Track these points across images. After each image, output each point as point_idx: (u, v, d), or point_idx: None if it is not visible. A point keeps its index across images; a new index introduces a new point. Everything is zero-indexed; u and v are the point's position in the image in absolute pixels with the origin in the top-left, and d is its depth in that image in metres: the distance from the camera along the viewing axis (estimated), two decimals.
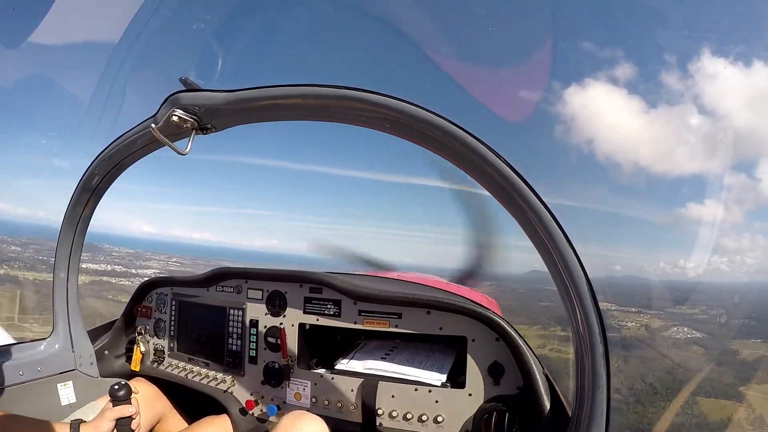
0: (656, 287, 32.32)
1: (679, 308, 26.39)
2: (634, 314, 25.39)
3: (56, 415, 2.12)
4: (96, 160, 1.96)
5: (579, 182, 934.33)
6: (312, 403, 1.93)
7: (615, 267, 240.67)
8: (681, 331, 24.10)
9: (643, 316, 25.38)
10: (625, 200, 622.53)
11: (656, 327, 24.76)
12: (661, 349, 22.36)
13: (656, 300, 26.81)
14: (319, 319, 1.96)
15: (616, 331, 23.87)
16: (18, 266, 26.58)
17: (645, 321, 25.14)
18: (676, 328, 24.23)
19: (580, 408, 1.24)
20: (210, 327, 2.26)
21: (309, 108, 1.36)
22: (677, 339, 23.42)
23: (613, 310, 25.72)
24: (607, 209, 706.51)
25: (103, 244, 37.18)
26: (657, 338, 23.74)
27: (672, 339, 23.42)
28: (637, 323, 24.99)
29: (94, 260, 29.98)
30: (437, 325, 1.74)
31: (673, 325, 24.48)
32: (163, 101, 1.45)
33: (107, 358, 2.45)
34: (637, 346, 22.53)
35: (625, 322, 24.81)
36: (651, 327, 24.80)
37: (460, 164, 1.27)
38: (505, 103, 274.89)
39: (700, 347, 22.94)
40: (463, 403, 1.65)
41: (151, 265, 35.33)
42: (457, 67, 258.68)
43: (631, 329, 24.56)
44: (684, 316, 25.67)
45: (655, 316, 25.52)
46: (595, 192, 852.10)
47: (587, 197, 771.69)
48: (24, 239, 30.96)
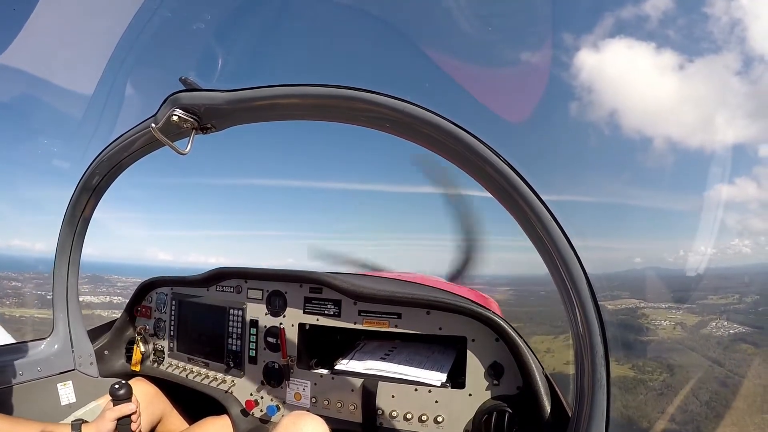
0: (680, 278, 29.98)
1: (710, 299, 23.94)
2: (665, 311, 23.23)
3: (56, 415, 2.12)
4: (96, 160, 1.96)
5: (596, 171, 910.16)
6: (312, 403, 1.93)
7: (635, 259, 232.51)
8: (721, 326, 21.49)
9: (675, 312, 23.10)
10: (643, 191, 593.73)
11: (693, 324, 22.20)
12: (706, 352, 19.53)
13: (684, 292, 24.26)
14: (319, 319, 1.96)
15: (652, 334, 21.81)
16: (9, 303, 26.04)
17: (679, 317, 22.83)
18: (714, 323, 21.65)
19: (580, 408, 1.24)
20: (210, 327, 2.26)
21: (309, 108, 1.36)
22: (720, 336, 20.76)
23: (642, 307, 23.61)
24: (624, 202, 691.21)
25: (111, 275, 36.08)
26: (697, 338, 21.17)
27: (714, 337, 20.79)
28: (671, 321, 22.72)
29: (95, 292, 29.28)
30: (437, 325, 1.74)
31: (710, 319, 21.88)
32: (163, 101, 1.45)
33: (107, 358, 2.45)
34: (677, 350, 20.18)
35: (658, 321, 22.70)
36: (687, 324, 22.34)
37: (460, 164, 1.27)
38: (506, 100, 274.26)
39: (749, 345, 19.97)
40: (463, 403, 1.65)
41: None
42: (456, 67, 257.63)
43: (667, 329, 22.28)
44: (718, 307, 23.07)
45: (687, 310, 23.13)
46: (616, 179, 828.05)
47: (605, 190, 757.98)
48: (29, 274, 30.16)
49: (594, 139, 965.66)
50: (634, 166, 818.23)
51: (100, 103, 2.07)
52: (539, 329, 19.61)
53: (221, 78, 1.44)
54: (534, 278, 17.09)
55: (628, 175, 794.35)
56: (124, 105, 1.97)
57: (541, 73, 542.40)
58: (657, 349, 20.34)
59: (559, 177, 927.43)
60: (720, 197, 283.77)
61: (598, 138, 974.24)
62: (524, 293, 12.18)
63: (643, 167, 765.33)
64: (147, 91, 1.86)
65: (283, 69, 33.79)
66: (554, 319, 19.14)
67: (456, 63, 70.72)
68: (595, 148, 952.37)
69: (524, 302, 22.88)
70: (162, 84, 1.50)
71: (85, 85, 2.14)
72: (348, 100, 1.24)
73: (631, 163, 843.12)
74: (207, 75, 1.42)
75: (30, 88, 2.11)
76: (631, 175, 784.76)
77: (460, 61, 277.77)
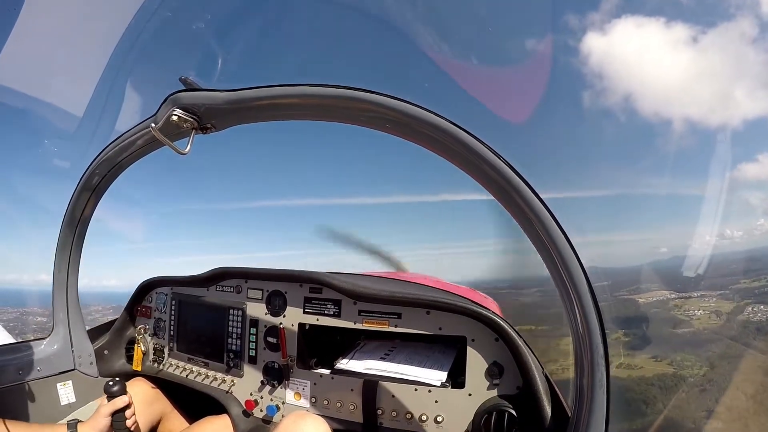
0: (709, 264, 28.88)
1: (743, 282, 22.68)
2: (697, 299, 22.03)
3: (56, 414, 2.12)
4: (96, 160, 1.96)
5: (611, 162, 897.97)
6: (312, 403, 1.93)
7: (661, 249, 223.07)
8: (758, 310, 20.05)
9: (708, 301, 21.93)
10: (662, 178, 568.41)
11: (729, 311, 20.97)
12: (746, 340, 18.19)
13: (714, 278, 23.05)
14: (318, 319, 1.96)
15: (687, 325, 20.75)
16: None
17: (713, 305, 21.62)
18: (751, 308, 20.35)
19: (579, 408, 1.24)
20: (210, 327, 2.26)
21: (309, 108, 1.36)
22: (758, 322, 19.37)
23: (674, 298, 22.51)
24: (644, 191, 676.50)
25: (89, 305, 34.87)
26: (735, 325, 19.99)
27: (752, 323, 19.49)
28: (705, 310, 21.52)
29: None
30: (437, 325, 1.74)
31: (746, 304, 20.65)
32: (163, 101, 1.45)
33: (107, 358, 2.45)
34: (715, 340, 18.95)
35: (692, 311, 21.53)
36: (722, 312, 21.12)
37: (460, 164, 1.27)
38: (508, 99, 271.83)
39: None
40: (462, 403, 1.65)
41: None
42: (456, 67, 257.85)
43: (702, 319, 21.04)
44: (752, 291, 21.80)
45: (721, 297, 21.96)
46: (633, 169, 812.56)
47: (622, 181, 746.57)
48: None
49: (608, 129, 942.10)
50: (652, 152, 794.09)
51: (100, 103, 2.07)
52: (568, 330, 19.27)
53: (221, 78, 1.44)
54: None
55: (646, 162, 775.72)
56: (124, 105, 1.97)
57: (542, 67, 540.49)
58: (694, 342, 19.73)
59: (573, 173, 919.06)
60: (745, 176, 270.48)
61: (612, 127, 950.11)
62: (552, 293, 11.75)
63: (662, 153, 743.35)
64: (147, 91, 1.86)
65: (283, 69, 33.86)
66: None
67: (456, 63, 70.64)
68: (609, 140, 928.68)
69: (552, 304, 22.31)
70: (162, 84, 1.50)
71: (85, 86, 2.14)
72: (348, 100, 1.24)
73: (648, 150, 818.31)
74: (207, 75, 1.42)
75: (30, 88, 2.11)
76: (650, 162, 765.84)
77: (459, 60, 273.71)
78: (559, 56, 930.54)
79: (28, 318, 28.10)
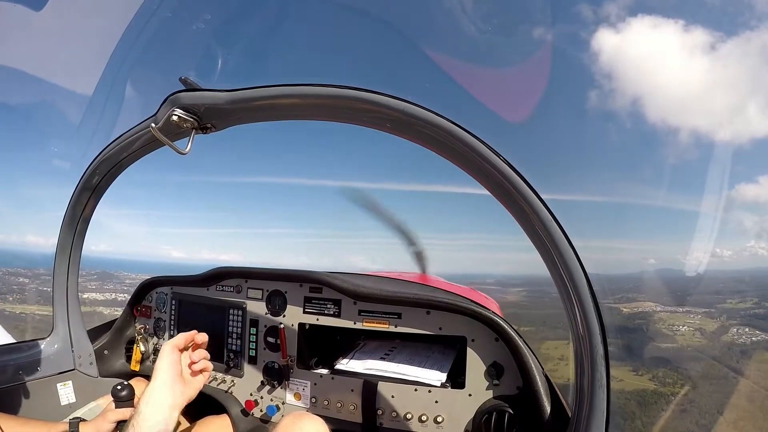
0: (696, 280, 29.08)
1: (729, 302, 22.78)
2: (682, 315, 22.05)
3: (56, 415, 2.12)
4: (96, 160, 1.96)
5: (611, 170, 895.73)
6: (312, 404, 1.93)
7: (649, 260, 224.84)
8: (743, 332, 20.25)
9: (693, 317, 21.92)
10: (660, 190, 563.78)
11: (712, 330, 20.99)
12: (729, 362, 17.89)
13: (700, 295, 23.10)
14: (319, 318, 1.96)
15: (671, 340, 20.67)
16: (12, 299, 25.88)
17: (698, 323, 21.62)
18: (735, 330, 20.49)
19: (579, 408, 1.24)
20: (210, 327, 2.25)
21: (309, 107, 1.36)
22: (743, 344, 19.47)
23: (659, 311, 22.57)
24: (639, 201, 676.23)
25: (121, 271, 35.25)
26: (718, 346, 19.84)
27: (737, 345, 19.56)
28: (690, 327, 21.49)
29: (101, 289, 28.92)
30: (437, 325, 1.74)
31: (731, 325, 20.75)
32: (163, 101, 1.45)
33: (107, 358, 2.45)
34: (698, 359, 18.73)
35: (676, 326, 21.44)
36: (706, 330, 21.15)
37: (461, 164, 1.27)
38: (508, 99, 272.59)
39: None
40: (462, 403, 1.65)
41: None
42: (456, 66, 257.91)
43: (686, 335, 20.99)
44: (738, 312, 21.86)
45: (706, 315, 21.97)
46: (633, 178, 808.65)
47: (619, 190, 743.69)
48: (39, 270, 29.78)
49: (611, 135, 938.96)
50: (654, 162, 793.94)
51: (100, 103, 2.07)
52: (552, 333, 18.73)
53: (221, 78, 1.44)
54: (549, 279, 16.37)
55: (646, 173, 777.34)
56: (124, 105, 1.97)
57: (544, 67, 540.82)
58: (677, 358, 19.51)
59: (572, 176, 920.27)
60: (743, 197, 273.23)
61: (615, 133, 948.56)
62: (538, 294, 11.33)
63: (664, 164, 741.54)
64: (147, 91, 1.87)
65: (283, 69, 33.54)
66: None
67: (456, 63, 70.77)
68: (611, 146, 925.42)
69: (538, 304, 22.12)
70: (162, 84, 1.51)
71: (85, 85, 2.14)
72: (348, 100, 1.24)
73: (650, 160, 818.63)
74: (207, 75, 1.42)
75: (30, 88, 2.12)
76: (650, 173, 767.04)
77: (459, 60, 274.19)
78: (557, 57, 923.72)
79: (9, 278, 28.07)
